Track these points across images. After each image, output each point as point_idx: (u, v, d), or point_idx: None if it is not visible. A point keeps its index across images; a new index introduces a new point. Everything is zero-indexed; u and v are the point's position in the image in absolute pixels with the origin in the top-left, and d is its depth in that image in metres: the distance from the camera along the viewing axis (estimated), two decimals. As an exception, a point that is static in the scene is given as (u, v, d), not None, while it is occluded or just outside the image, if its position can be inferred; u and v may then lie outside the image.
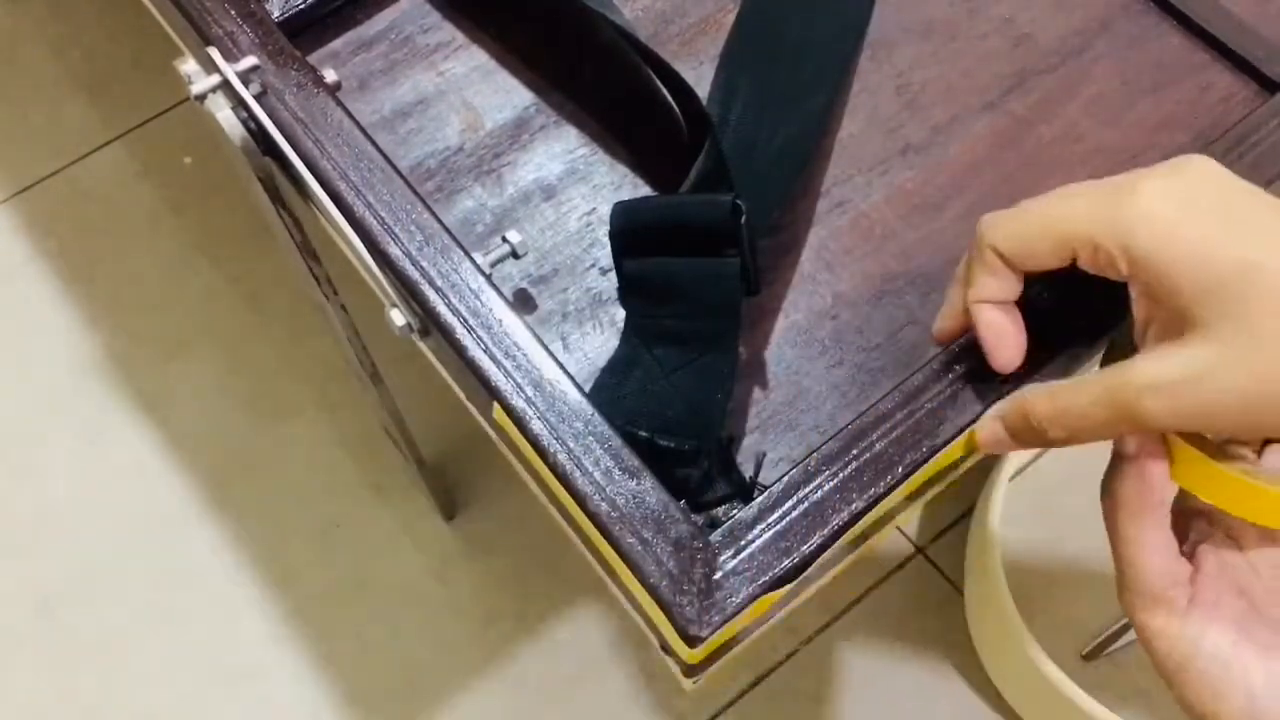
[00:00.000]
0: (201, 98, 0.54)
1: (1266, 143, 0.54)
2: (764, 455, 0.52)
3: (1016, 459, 0.98)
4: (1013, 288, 0.45)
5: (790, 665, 0.98)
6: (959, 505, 1.03)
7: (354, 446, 1.07)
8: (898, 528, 1.04)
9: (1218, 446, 0.42)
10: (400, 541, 1.03)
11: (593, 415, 0.48)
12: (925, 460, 0.47)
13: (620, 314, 0.55)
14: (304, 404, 1.09)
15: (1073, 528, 1.00)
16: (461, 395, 0.54)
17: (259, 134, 0.55)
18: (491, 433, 0.53)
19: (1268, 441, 0.42)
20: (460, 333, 0.50)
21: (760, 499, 0.47)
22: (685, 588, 0.45)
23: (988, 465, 0.95)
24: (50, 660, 0.99)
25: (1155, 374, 0.38)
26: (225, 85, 0.54)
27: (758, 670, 0.98)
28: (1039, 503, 1.01)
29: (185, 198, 1.20)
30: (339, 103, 0.55)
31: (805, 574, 0.46)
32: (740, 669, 0.98)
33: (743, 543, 0.46)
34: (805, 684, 0.97)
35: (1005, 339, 0.46)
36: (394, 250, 0.51)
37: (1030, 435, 0.44)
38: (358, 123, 0.55)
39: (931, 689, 0.97)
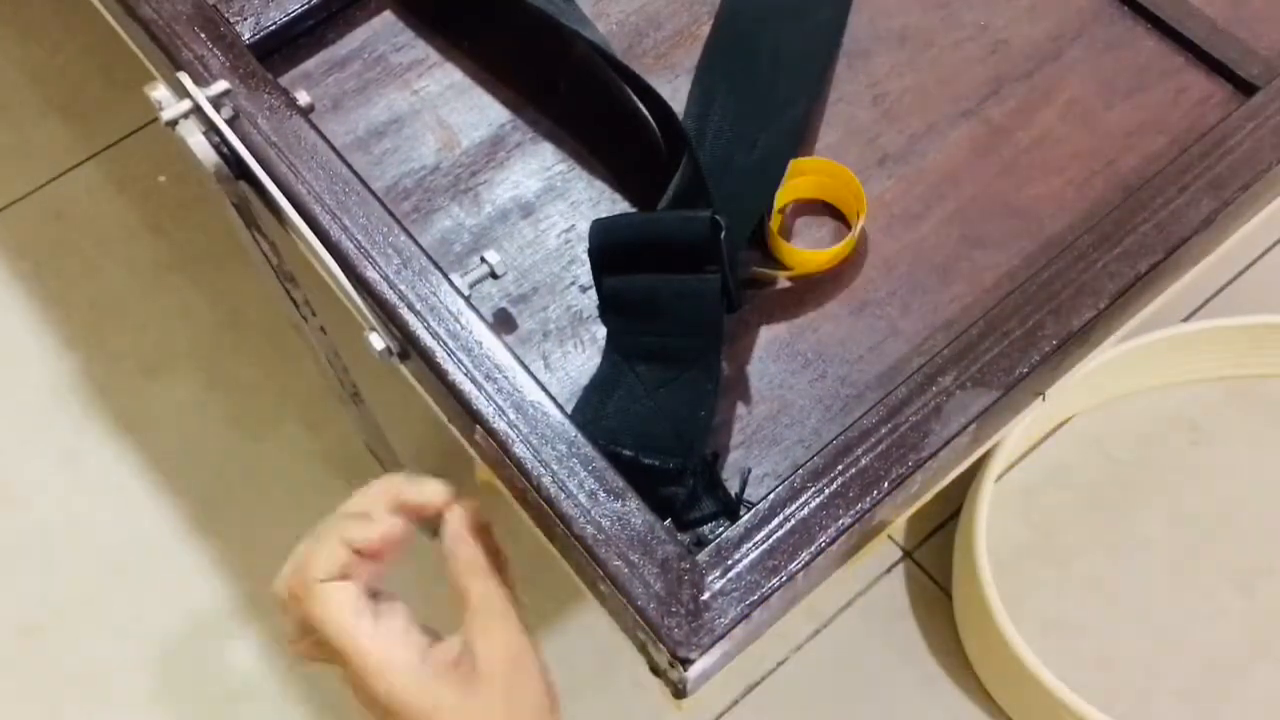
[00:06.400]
0: (173, 123, 0.54)
1: (1244, 146, 0.54)
2: (749, 471, 0.51)
3: (1002, 458, 0.98)
4: None
5: (781, 673, 0.98)
6: (945, 507, 1.03)
7: (337, 464, 1.06)
8: (885, 532, 1.03)
9: None
10: (386, 558, 1.02)
11: (576, 437, 0.47)
12: (911, 474, 0.47)
13: (602, 331, 0.55)
14: (286, 421, 1.08)
15: (1058, 526, 1.00)
16: (443, 417, 0.53)
17: (232, 159, 0.54)
18: (474, 454, 0.52)
19: None
20: (440, 356, 0.49)
21: (746, 517, 0.46)
22: (673, 609, 0.44)
23: (974, 467, 0.95)
24: (34, 689, 0.98)
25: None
26: (197, 110, 0.53)
27: (749, 679, 0.97)
28: (1025, 502, 1.01)
29: (161, 216, 1.19)
30: (312, 125, 0.55)
31: (794, 593, 0.46)
32: (731, 678, 0.97)
33: (730, 562, 0.45)
34: (796, 692, 0.97)
35: None
36: (371, 274, 0.51)
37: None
38: (332, 145, 0.54)
39: (922, 692, 0.96)
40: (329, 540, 0.46)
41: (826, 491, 0.47)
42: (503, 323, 0.55)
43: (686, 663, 0.44)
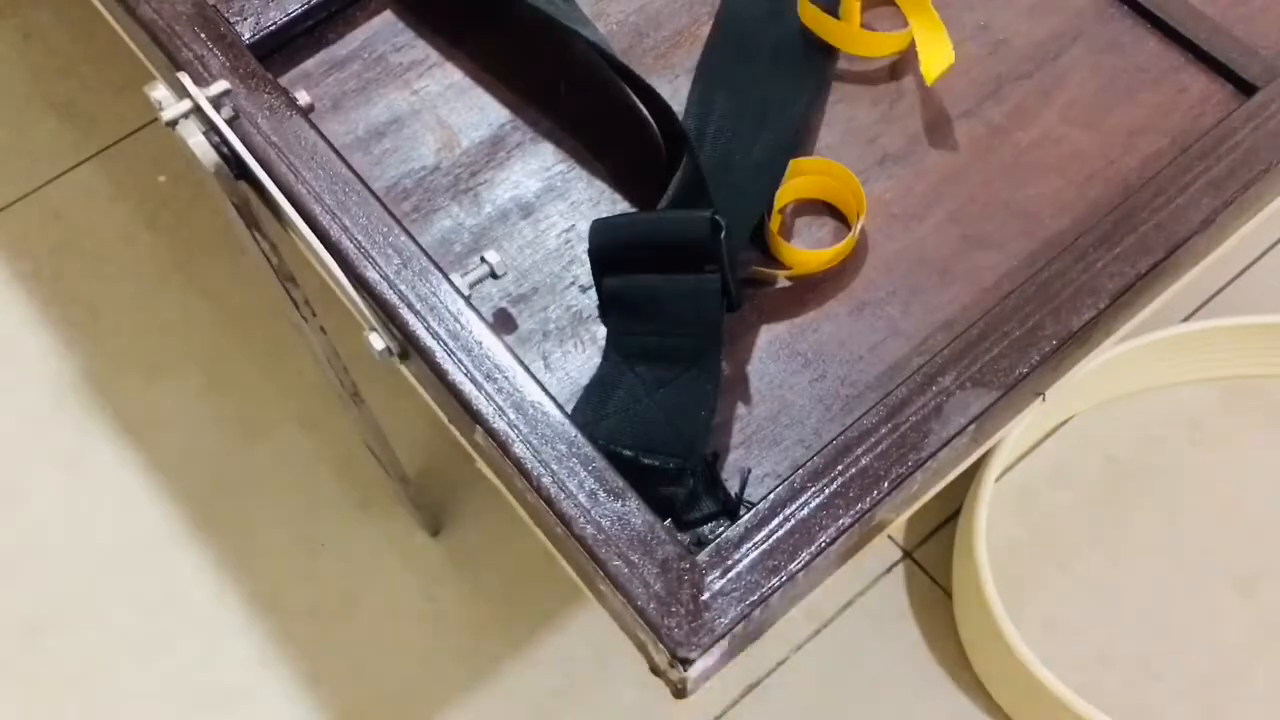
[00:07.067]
0: (173, 123, 0.54)
1: (1244, 146, 0.54)
2: (749, 471, 0.51)
3: (1002, 458, 0.98)
4: None
5: (780, 673, 0.98)
6: (945, 507, 1.03)
7: (337, 464, 1.06)
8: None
9: None
10: (386, 559, 1.02)
11: (575, 436, 0.47)
12: (911, 474, 0.47)
13: (602, 331, 0.55)
14: (286, 422, 1.08)
15: (1058, 526, 1.00)
16: (443, 417, 0.53)
17: (232, 159, 0.54)
18: (474, 454, 0.53)
19: None
20: (440, 356, 0.49)
21: (746, 517, 0.46)
22: (673, 609, 0.44)
23: (974, 467, 0.95)
24: (35, 689, 0.98)
25: None
26: (197, 110, 0.53)
27: (748, 679, 0.97)
28: (1024, 502, 1.01)
29: (161, 216, 1.19)
30: (312, 125, 0.55)
31: (794, 593, 0.46)
32: (731, 678, 0.97)
33: (730, 562, 0.45)
34: (796, 691, 0.97)
35: None
36: (371, 274, 0.51)
37: None
38: (332, 145, 0.54)
39: (922, 692, 0.96)
40: None
41: (826, 491, 0.47)
42: (503, 323, 0.55)
43: (686, 663, 0.44)
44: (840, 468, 0.47)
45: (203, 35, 0.57)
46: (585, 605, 0.99)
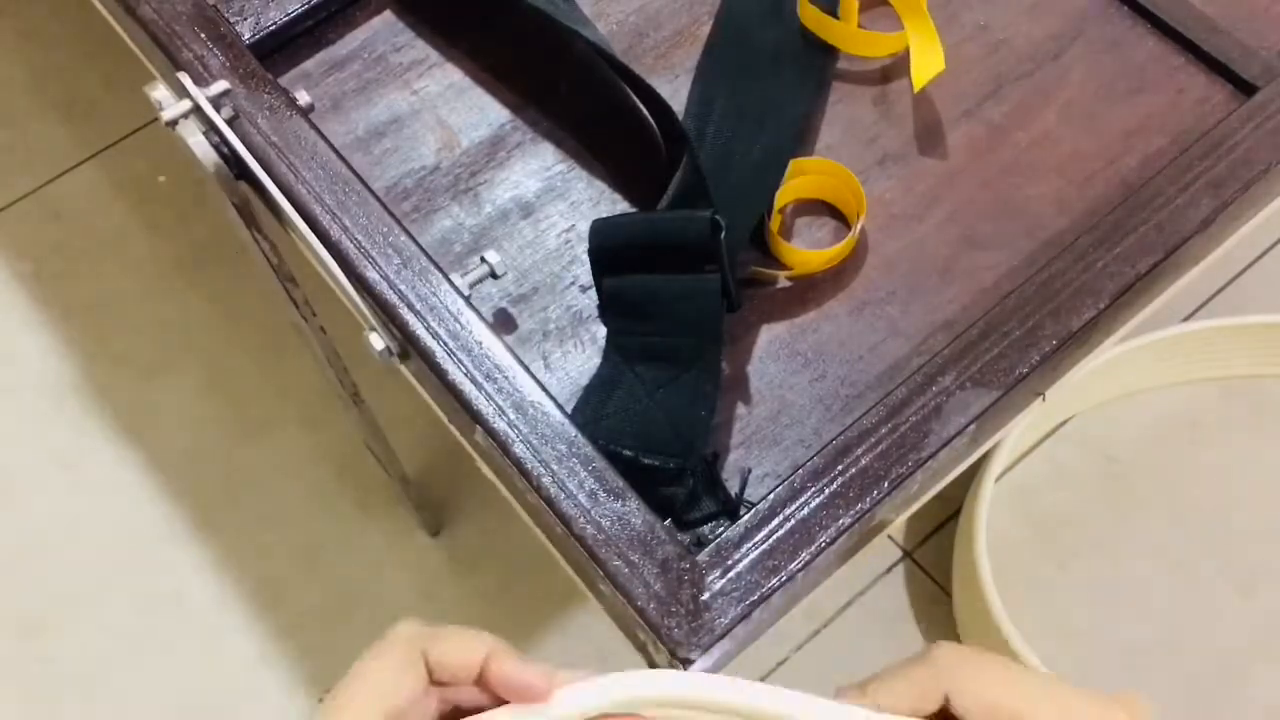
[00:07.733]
0: (173, 124, 0.53)
1: (1244, 146, 0.54)
2: (749, 471, 0.51)
3: (1002, 458, 0.98)
4: None
5: (781, 672, 0.98)
6: (945, 507, 1.03)
7: (337, 464, 1.06)
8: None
9: None
10: (386, 559, 1.02)
11: (575, 437, 0.47)
12: (911, 474, 0.47)
13: (602, 331, 0.55)
14: (286, 422, 1.08)
15: (1058, 526, 1.00)
16: (443, 417, 0.53)
17: (232, 159, 0.54)
18: (474, 454, 0.53)
19: None
20: (440, 356, 0.49)
21: (746, 517, 0.46)
22: (673, 609, 0.44)
23: (974, 467, 0.95)
24: (34, 689, 0.98)
25: None
26: (196, 110, 0.53)
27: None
28: (1024, 502, 1.01)
29: (160, 216, 1.19)
30: (312, 125, 0.55)
31: (794, 592, 0.46)
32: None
33: (730, 562, 0.45)
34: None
35: None
36: (371, 274, 0.51)
37: None
38: (332, 145, 0.54)
39: (922, 692, 0.97)
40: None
41: (826, 491, 0.47)
42: (503, 323, 0.55)
43: (686, 663, 0.44)
44: (840, 468, 0.47)
45: (203, 35, 0.57)
46: (585, 605, 0.99)
